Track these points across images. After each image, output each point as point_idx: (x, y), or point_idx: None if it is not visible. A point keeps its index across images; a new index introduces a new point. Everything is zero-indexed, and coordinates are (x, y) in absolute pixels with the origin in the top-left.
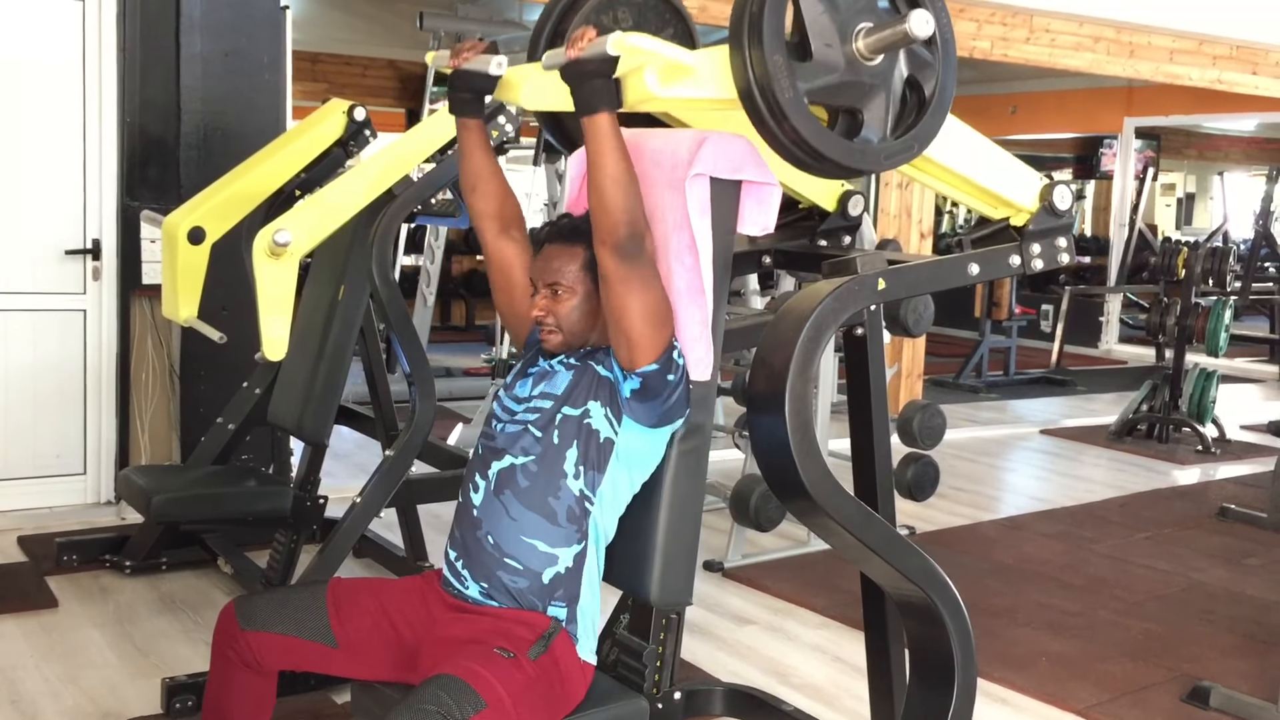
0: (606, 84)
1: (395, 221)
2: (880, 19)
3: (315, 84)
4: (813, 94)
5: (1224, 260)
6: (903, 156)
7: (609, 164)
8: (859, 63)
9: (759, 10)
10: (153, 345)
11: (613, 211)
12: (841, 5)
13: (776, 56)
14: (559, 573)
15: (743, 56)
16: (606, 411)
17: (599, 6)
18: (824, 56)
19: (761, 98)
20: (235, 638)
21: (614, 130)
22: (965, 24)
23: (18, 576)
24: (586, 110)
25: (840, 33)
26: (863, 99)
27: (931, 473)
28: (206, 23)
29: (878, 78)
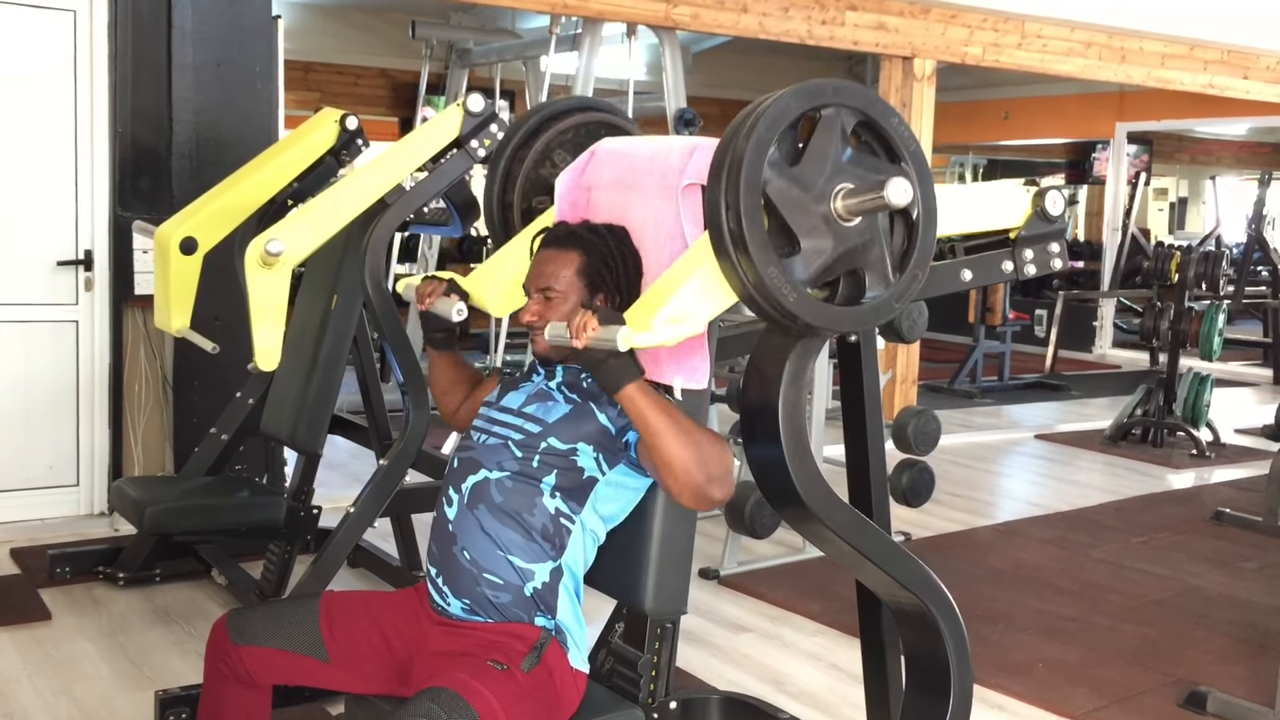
0: (621, 361)
1: (388, 231)
2: (852, 172)
3: (308, 93)
4: (813, 281)
5: (1217, 264)
6: (911, 291)
7: (659, 427)
8: (845, 229)
9: (738, 229)
10: (145, 356)
11: (687, 475)
12: (809, 180)
13: (771, 269)
14: (536, 587)
15: (737, 273)
16: (598, 456)
17: (536, 161)
18: (811, 242)
19: (767, 304)
20: (228, 652)
21: (645, 396)
22: (957, 30)
23: (10, 589)
24: (613, 390)
25: (818, 207)
26: (858, 259)
27: (927, 479)
28: (198, 33)
29: (866, 233)
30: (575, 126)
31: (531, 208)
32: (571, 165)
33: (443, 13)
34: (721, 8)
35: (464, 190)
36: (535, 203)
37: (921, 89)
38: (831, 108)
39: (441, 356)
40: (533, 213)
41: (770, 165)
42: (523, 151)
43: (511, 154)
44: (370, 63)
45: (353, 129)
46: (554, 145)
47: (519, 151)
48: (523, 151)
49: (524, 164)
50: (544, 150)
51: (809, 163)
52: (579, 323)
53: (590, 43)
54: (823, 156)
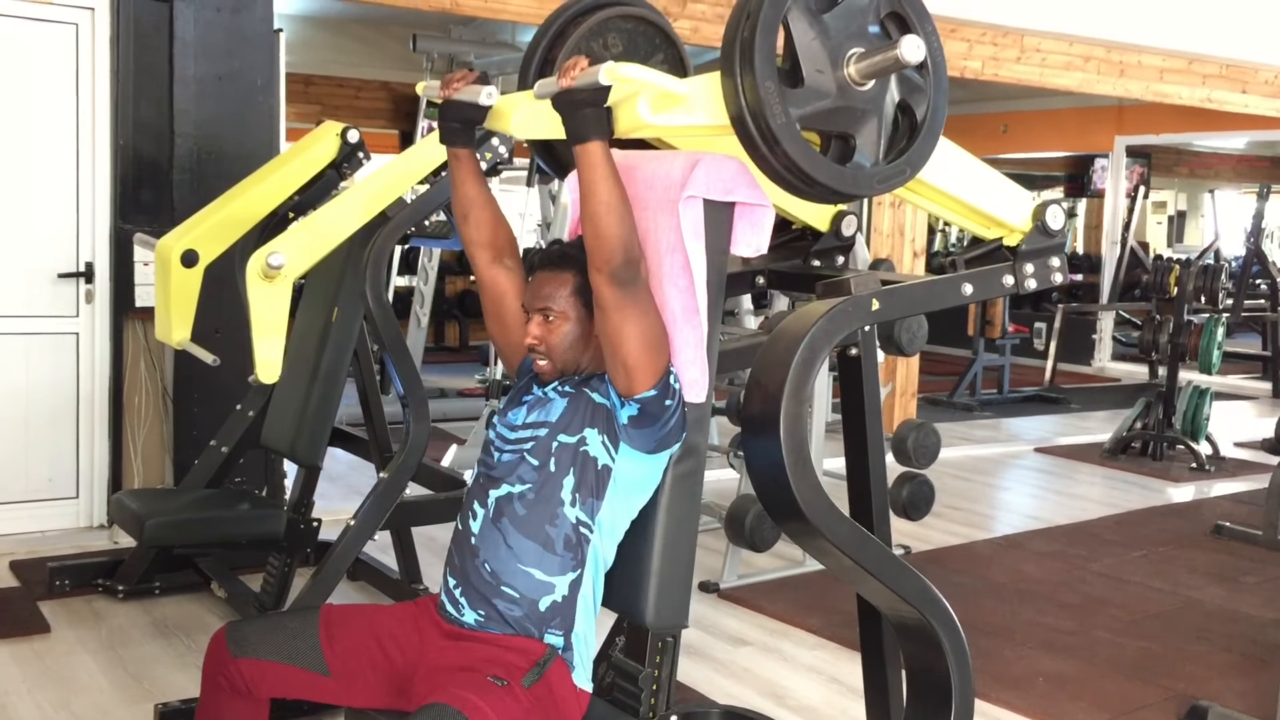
0: (598, 113)
1: (389, 244)
2: (871, 44)
3: (309, 106)
4: (805, 120)
5: (1216, 278)
6: (895, 181)
7: (602, 191)
8: (850, 88)
9: (750, 37)
10: (146, 368)
11: (607, 239)
12: (833, 31)
13: (768, 83)
14: (555, 601)
15: (734, 83)
16: (604, 439)
17: (589, 33)
18: (816, 82)
19: (754, 124)
20: (226, 665)
21: (606, 158)
22: (956, 44)
23: (10, 601)
24: (578, 139)
25: (831, 58)
26: (855, 124)
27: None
28: (200, 46)
29: (869, 103)
30: (636, 19)
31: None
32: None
33: (443, 26)
34: (722, 22)
35: None
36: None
37: None
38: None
39: (460, 158)
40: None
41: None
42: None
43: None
44: (371, 76)
45: (354, 142)
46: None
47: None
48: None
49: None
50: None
51: (837, 16)
52: (569, 63)
53: None
54: (850, 18)
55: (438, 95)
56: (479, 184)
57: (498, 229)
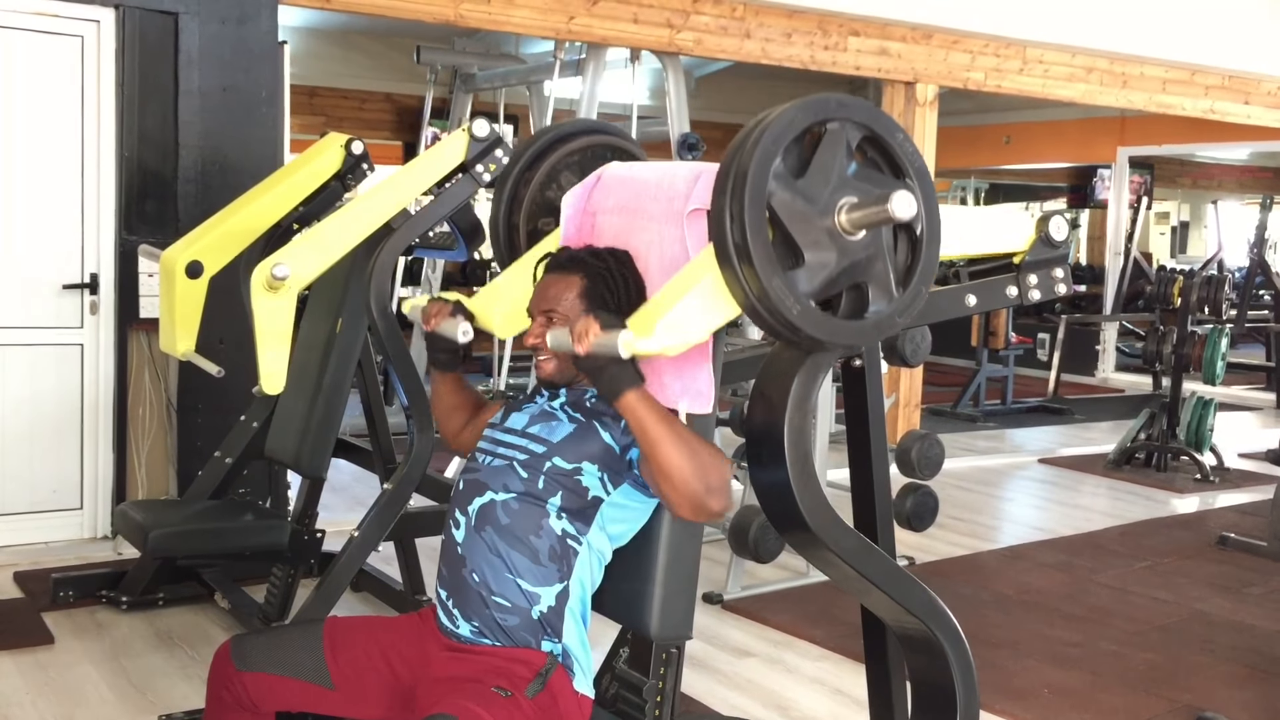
0: (623, 369)
1: (393, 255)
2: (855, 189)
3: (313, 117)
4: (816, 295)
5: (1219, 288)
6: (916, 304)
7: (658, 435)
8: (849, 243)
9: (742, 240)
10: (150, 379)
11: (684, 484)
12: (814, 193)
13: (775, 280)
14: (543, 611)
15: (740, 284)
16: (603, 475)
17: (542, 184)
18: (815, 255)
19: (770, 316)
20: (230, 679)
21: (645, 403)
22: (959, 55)
23: (13, 613)
24: (613, 397)
25: (823, 223)
26: (862, 272)
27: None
28: (205, 58)
29: (870, 247)
30: (582, 149)
31: (537, 229)
32: (576, 188)
33: (447, 38)
34: (725, 34)
35: (468, 214)
36: (541, 224)
37: (924, 114)
38: (836, 122)
39: (445, 378)
40: (538, 234)
41: (775, 177)
42: (529, 174)
43: (518, 176)
44: (375, 87)
45: (358, 154)
46: (560, 168)
47: (525, 174)
48: (529, 174)
49: (530, 186)
50: (550, 173)
51: (814, 176)
52: (581, 328)
53: (594, 68)
54: (828, 170)
55: (421, 325)
56: (461, 397)
57: (474, 411)
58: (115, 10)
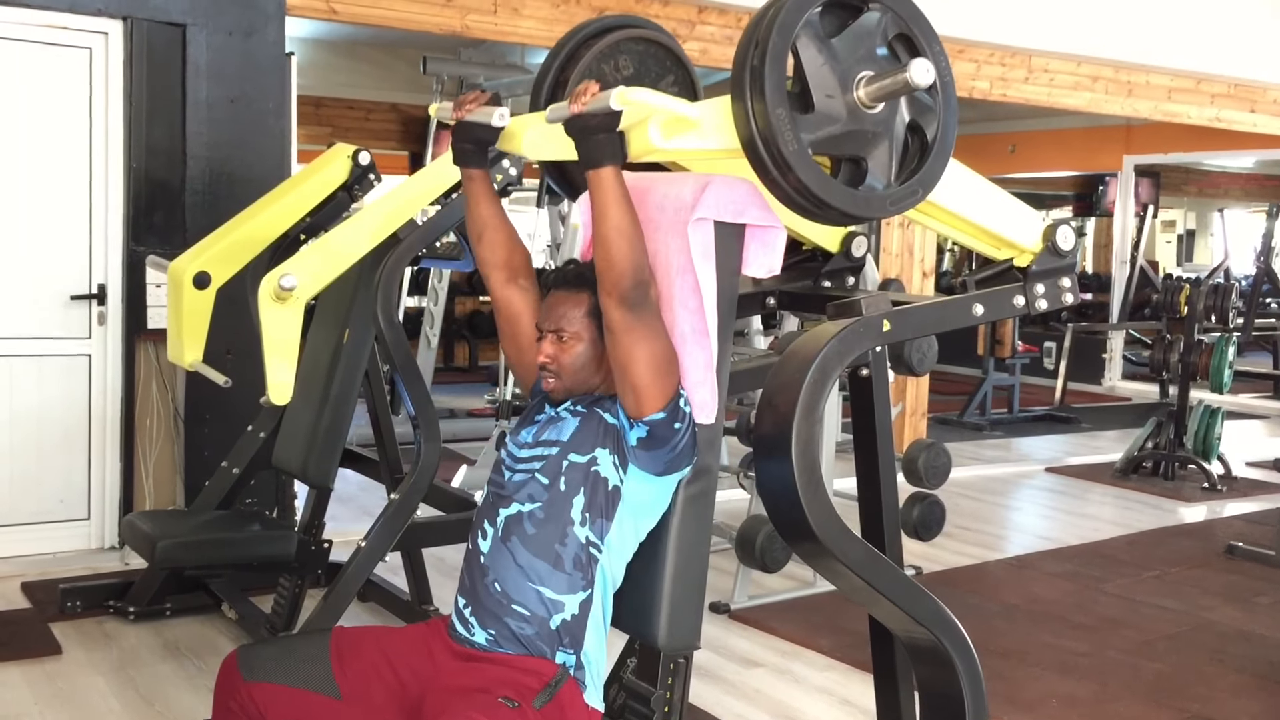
0: (610, 138)
1: (400, 265)
2: (880, 67)
3: (319, 128)
4: (816, 145)
5: (1226, 297)
6: (908, 202)
7: (613, 216)
8: (861, 111)
9: (760, 64)
10: (157, 389)
11: (617, 262)
12: (841, 55)
13: (779, 110)
14: (565, 620)
15: (745, 109)
16: (614, 459)
17: (600, 55)
18: (826, 107)
19: (765, 150)
20: (238, 689)
21: (618, 183)
22: (964, 64)
23: (21, 623)
24: (591, 164)
25: (841, 82)
26: (866, 147)
27: (937, 512)
28: (213, 69)
29: (880, 125)
30: (647, 41)
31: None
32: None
33: (453, 49)
34: (731, 43)
35: None
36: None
37: None
38: (880, 6)
39: (474, 178)
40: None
41: (808, 24)
42: (594, 40)
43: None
44: (381, 98)
45: (365, 164)
46: (623, 49)
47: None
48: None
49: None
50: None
51: (845, 41)
52: (580, 88)
53: None
54: (858, 41)
55: (450, 117)
56: (493, 204)
57: (513, 250)
58: (123, 22)
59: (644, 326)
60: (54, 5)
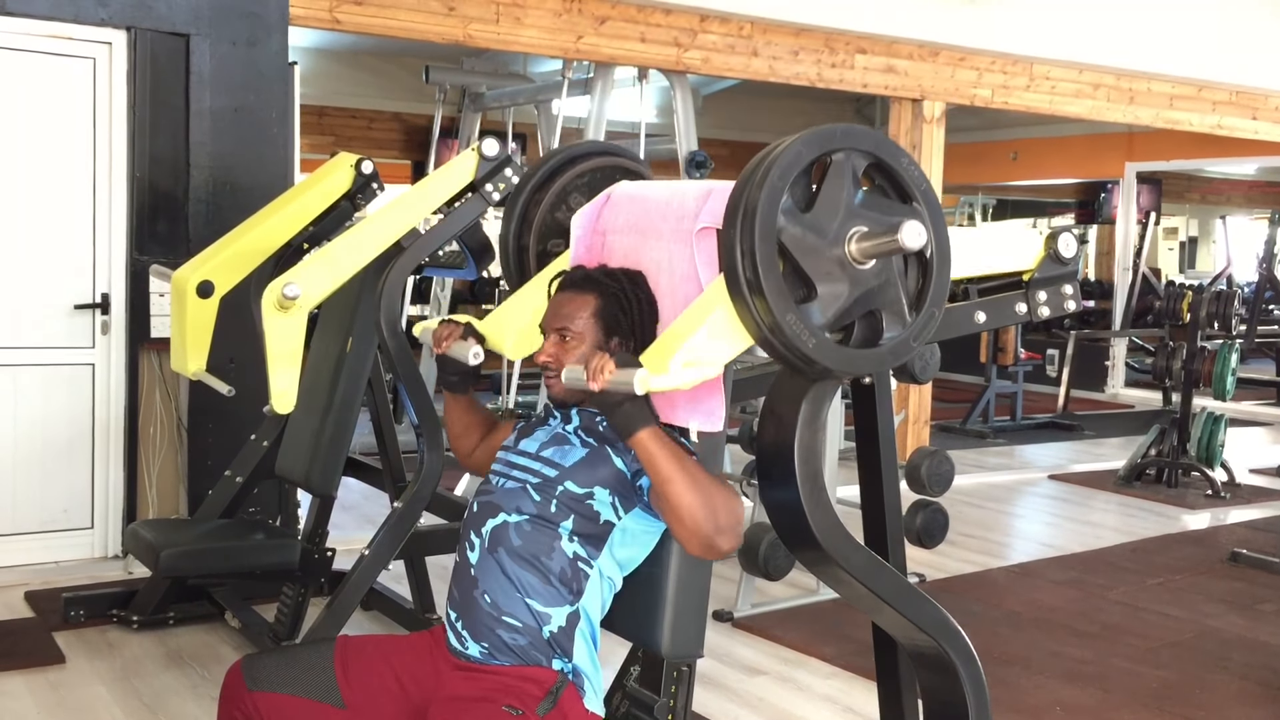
0: (637, 406)
1: (403, 274)
2: (864, 218)
3: (322, 137)
4: (830, 326)
5: (1229, 304)
6: (929, 328)
7: (670, 474)
8: (860, 272)
9: (755, 277)
10: (161, 399)
11: (693, 525)
12: (824, 224)
13: (789, 316)
14: (553, 631)
15: (754, 319)
16: (614, 500)
17: (552, 205)
18: (827, 287)
19: (785, 349)
20: (242, 698)
21: (658, 442)
22: (966, 72)
23: (25, 632)
24: (626, 435)
25: (834, 256)
26: (874, 300)
27: (940, 519)
28: (216, 79)
29: (882, 274)
30: (591, 170)
31: (547, 251)
32: (586, 208)
33: (456, 58)
34: (732, 52)
35: (478, 233)
36: (550, 246)
37: (931, 131)
38: (842, 152)
39: (457, 400)
40: (548, 256)
41: (784, 212)
42: (539, 195)
43: (528, 197)
44: (384, 107)
45: (368, 173)
46: (570, 189)
47: (535, 195)
48: (539, 195)
49: (540, 207)
50: (560, 194)
51: (822, 208)
52: (596, 365)
53: (602, 86)
54: (835, 201)
55: (432, 347)
56: (473, 415)
57: (485, 431)
58: (127, 32)
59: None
60: (58, 15)
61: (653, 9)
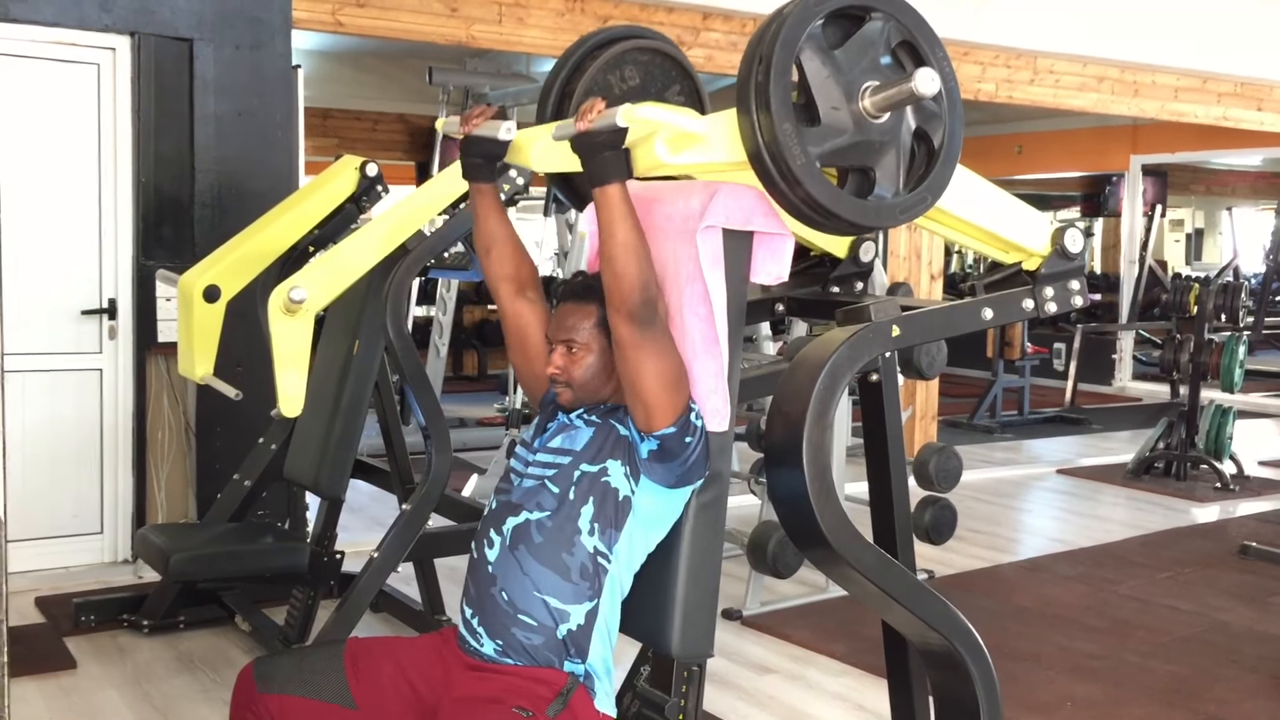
0: (616, 155)
1: (409, 276)
2: (885, 76)
3: (326, 139)
4: (823, 157)
5: (1236, 295)
6: (917, 210)
7: (620, 232)
8: (867, 122)
9: (764, 79)
10: (169, 403)
11: (625, 279)
12: (845, 66)
13: (785, 125)
14: (571, 629)
15: (751, 124)
16: (625, 470)
17: (606, 66)
18: (832, 119)
19: (773, 164)
20: (254, 700)
21: (624, 200)
22: (970, 67)
23: (36, 638)
24: (597, 182)
25: (846, 93)
26: (873, 157)
27: (949, 515)
28: (220, 83)
29: (887, 134)
30: (653, 52)
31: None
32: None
33: (459, 59)
34: (735, 49)
35: None
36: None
37: None
38: (883, 15)
39: (482, 192)
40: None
41: (811, 37)
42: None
43: (560, 90)
44: (387, 108)
45: (372, 176)
46: (628, 60)
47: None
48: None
49: (596, 62)
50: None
51: (848, 51)
52: (586, 106)
53: None
54: (862, 52)
55: (458, 131)
56: (501, 218)
57: (520, 263)
58: (131, 38)
59: (653, 343)
60: (62, 22)
61: (655, 8)
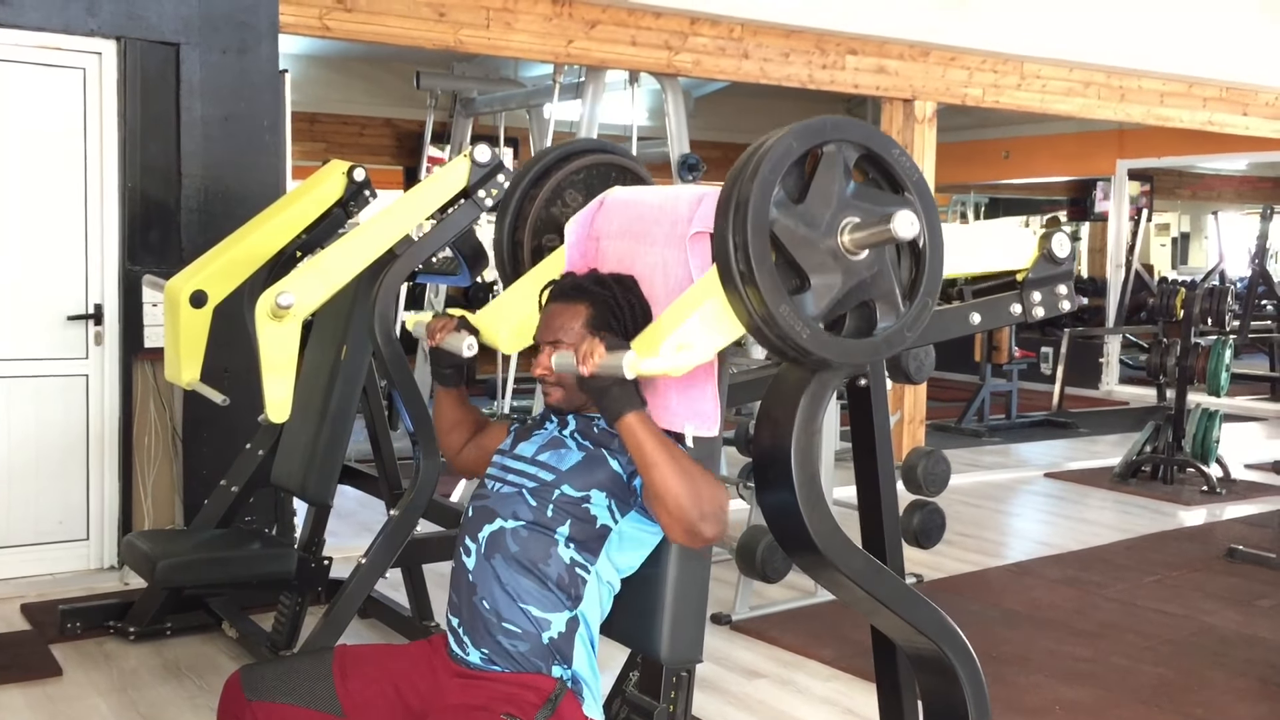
0: (626, 390)
1: (397, 281)
2: (857, 209)
3: (313, 143)
4: (824, 317)
5: (1222, 299)
6: (923, 318)
7: (655, 459)
8: (853, 264)
9: (748, 269)
10: (155, 409)
11: (677, 511)
12: (817, 216)
13: (783, 308)
14: (553, 637)
15: (747, 309)
16: (611, 503)
17: (547, 200)
18: (820, 277)
19: (779, 340)
20: (241, 708)
21: (645, 425)
22: (957, 72)
23: (21, 645)
24: (614, 418)
25: (827, 246)
26: (868, 291)
27: (937, 520)
28: (206, 88)
29: (875, 264)
30: (587, 167)
31: (541, 246)
32: (580, 214)
33: (446, 63)
34: (723, 54)
35: (471, 239)
36: (545, 241)
37: (922, 130)
38: (833, 144)
39: (448, 394)
40: (542, 251)
41: (776, 205)
42: (534, 191)
43: (523, 193)
44: (375, 113)
45: (360, 180)
46: (565, 185)
47: (530, 190)
48: (534, 191)
49: (535, 203)
50: (555, 189)
51: (814, 199)
52: (586, 349)
53: (593, 90)
54: (827, 192)
55: (425, 339)
56: (464, 411)
57: (475, 434)
58: (117, 42)
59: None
60: (48, 26)
61: (643, 12)
